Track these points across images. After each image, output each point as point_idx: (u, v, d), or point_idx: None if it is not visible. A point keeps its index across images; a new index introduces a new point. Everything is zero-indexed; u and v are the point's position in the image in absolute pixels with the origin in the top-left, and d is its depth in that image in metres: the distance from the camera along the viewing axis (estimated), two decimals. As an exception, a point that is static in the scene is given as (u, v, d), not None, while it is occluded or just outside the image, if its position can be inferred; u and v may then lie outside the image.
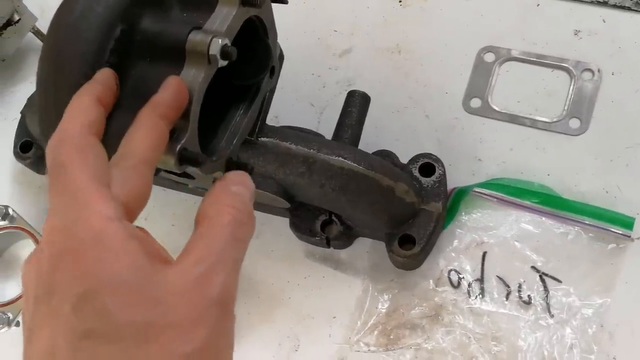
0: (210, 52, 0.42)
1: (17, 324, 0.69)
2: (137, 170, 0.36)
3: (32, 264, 0.35)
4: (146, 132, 0.38)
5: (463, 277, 0.64)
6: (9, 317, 0.68)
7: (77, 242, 0.32)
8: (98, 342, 0.31)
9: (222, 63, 0.43)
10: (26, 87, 0.83)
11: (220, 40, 0.42)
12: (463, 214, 0.66)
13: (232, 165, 0.50)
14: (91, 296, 0.31)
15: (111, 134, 0.39)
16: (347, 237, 0.67)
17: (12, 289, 0.73)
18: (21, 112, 0.76)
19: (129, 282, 0.32)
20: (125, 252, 0.32)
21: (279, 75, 0.56)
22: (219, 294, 0.33)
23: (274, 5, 0.51)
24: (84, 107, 0.38)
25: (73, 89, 0.40)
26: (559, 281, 0.62)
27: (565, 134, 0.68)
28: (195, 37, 0.43)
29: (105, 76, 0.41)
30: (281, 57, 0.57)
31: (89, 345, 0.31)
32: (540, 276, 0.62)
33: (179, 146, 0.42)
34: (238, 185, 0.39)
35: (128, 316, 0.31)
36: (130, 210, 0.35)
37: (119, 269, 0.32)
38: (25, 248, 0.75)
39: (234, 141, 0.51)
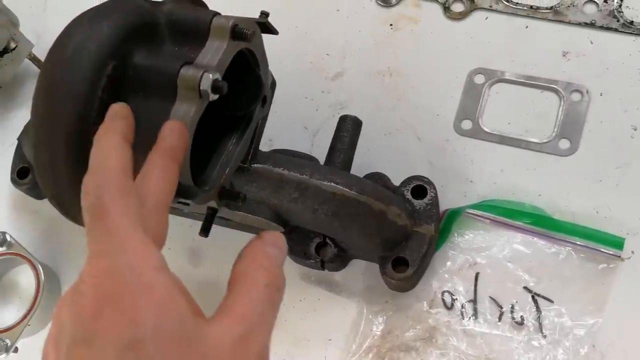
0: (202, 87, 0.43)
1: (16, 350, 0.69)
2: (157, 213, 0.38)
3: (69, 304, 0.34)
4: (160, 174, 0.39)
5: (456, 299, 0.64)
6: (7, 344, 0.69)
7: (127, 289, 0.33)
8: None
9: (213, 97, 0.44)
10: (23, 113, 0.83)
11: (211, 75, 0.43)
12: (455, 235, 0.66)
13: (224, 193, 0.51)
14: (138, 345, 0.32)
15: None
16: (341, 260, 0.67)
17: (10, 315, 0.74)
18: (18, 139, 0.77)
19: (176, 334, 0.33)
20: (173, 304, 0.34)
21: (270, 103, 0.57)
22: (258, 353, 0.35)
23: (265, 35, 0.52)
24: (117, 147, 0.39)
25: (65, 129, 0.40)
26: (551, 301, 0.63)
27: (555, 154, 0.69)
28: (186, 73, 0.43)
29: (126, 112, 0.42)
30: (273, 85, 0.57)
31: None
32: (533, 296, 0.63)
33: (171, 180, 0.43)
34: (273, 247, 0.40)
35: None
36: None
37: (167, 320, 0.33)
38: (22, 274, 0.75)
39: (227, 170, 0.51)
